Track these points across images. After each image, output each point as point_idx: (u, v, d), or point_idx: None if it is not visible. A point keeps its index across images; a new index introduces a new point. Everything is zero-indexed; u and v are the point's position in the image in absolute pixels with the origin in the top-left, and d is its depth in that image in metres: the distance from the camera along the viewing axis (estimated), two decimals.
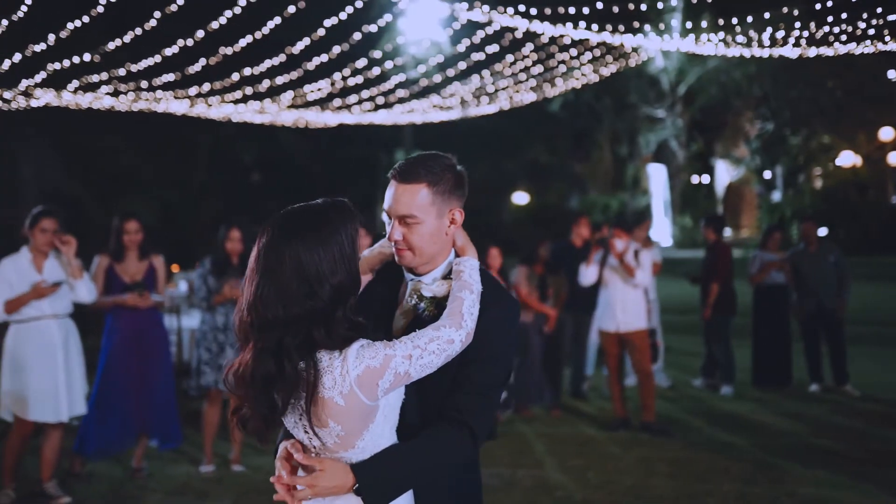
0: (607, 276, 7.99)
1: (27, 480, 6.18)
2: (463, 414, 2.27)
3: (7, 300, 5.77)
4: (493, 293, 2.38)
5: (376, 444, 2.19)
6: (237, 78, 12.40)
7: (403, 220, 2.35)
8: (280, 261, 2.12)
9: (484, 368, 2.31)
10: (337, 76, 13.23)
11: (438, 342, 2.18)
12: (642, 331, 7.86)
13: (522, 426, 8.21)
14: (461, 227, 2.48)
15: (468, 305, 2.25)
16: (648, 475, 6.54)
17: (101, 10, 9.10)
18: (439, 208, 2.36)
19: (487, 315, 2.31)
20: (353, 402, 2.11)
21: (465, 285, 2.30)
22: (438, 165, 2.38)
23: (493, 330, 2.32)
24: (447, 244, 2.42)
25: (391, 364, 2.10)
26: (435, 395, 2.32)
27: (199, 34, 10.27)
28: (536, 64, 14.43)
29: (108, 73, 12.02)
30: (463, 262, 2.38)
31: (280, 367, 2.10)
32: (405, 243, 2.37)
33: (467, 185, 2.46)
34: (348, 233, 2.20)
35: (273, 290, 2.10)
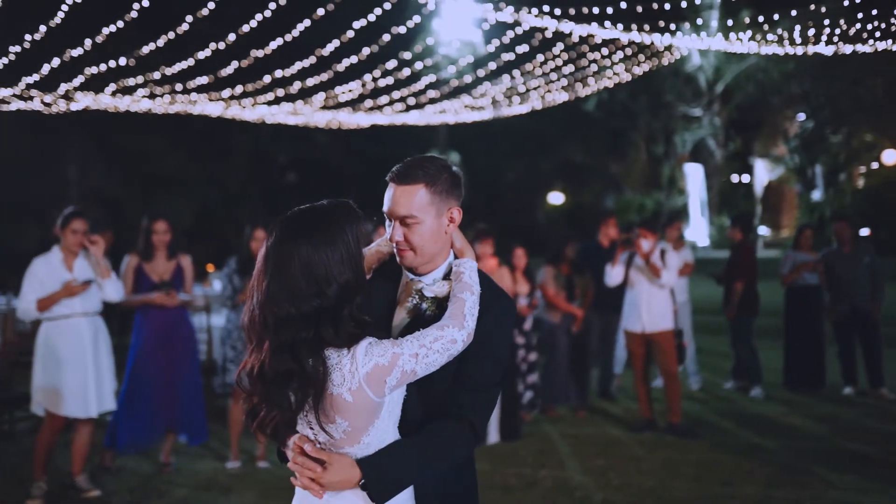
0: (633, 276, 7.96)
1: (59, 473, 6.34)
2: (464, 410, 2.34)
3: (39, 298, 5.93)
4: (492, 294, 2.44)
5: (381, 440, 2.24)
6: (269, 80, 12.56)
7: (404, 220, 2.40)
8: (288, 261, 2.17)
9: (484, 367, 2.38)
10: (368, 77, 13.32)
11: (442, 342, 2.23)
12: (668, 332, 7.81)
13: (547, 426, 8.20)
14: (458, 229, 2.52)
15: (469, 306, 2.31)
16: (671, 477, 6.50)
17: (134, 14, 9.26)
18: (438, 208, 2.41)
19: (487, 316, 2.37)
20: (361, 399, 2.16)
21: (465, 287, 2.35)
22: (434, 167, 2.44)
23: (492, 330, 2.39)
24: (447, 244, 2.48)
25: (399, 362, 2.16)
26: (436, 391, 2.37)
27: (231, 37, 10.41)
28: (567, 63, 14.38)
29: (144, 77, 12.25)
30: (463, 263, 2.43)
31: (298, 364, 2.15)
32: (406, 243, 2.41)
33: (463, 186, 2.51)
34: (354, 232, 2.24)
35: (283, 290, 2.16)
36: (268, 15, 9.76)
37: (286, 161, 29.29)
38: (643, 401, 8.01)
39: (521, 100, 17.15)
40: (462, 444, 2.35)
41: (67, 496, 6.01)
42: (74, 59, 10.62)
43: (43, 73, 11.15)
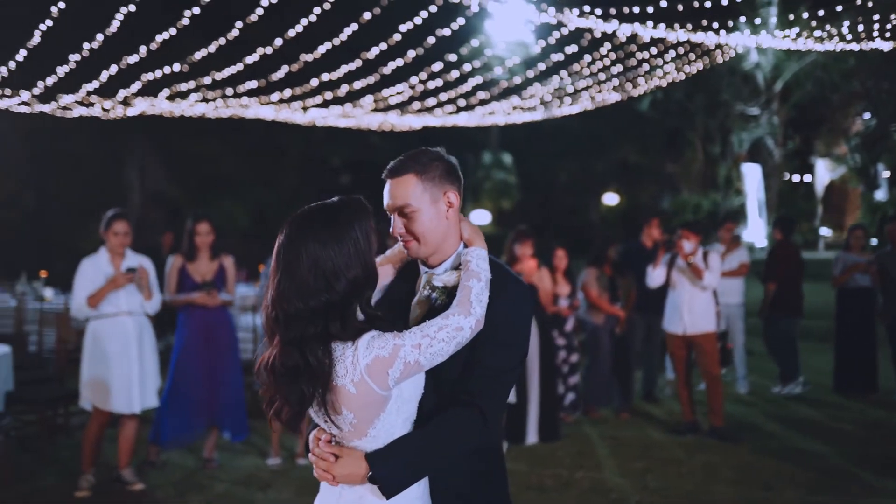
0: (675, 277, 7.87)
1: (106, 467, 6.55)
2: (473, 396, 2.32)
3: (89, 295, 6.15)
4: (502, 279, 2.42)
5: (389, 434, 2.25)
6: (317, 83, 12.74)
7: (401, 211, 2.44)
8: (297, 257, 2.21)
9: (494, 352, 2.35)
10: (416, 79, 13.42)
11: (447, 330, 2.23)
12: (710, 334, 7.70)
13: (588, 428, 8.17)
14: (467, 219, 2.55)
15: (476, 293, 2.30)
16: (710, 481, 6.42)
17: (186, 21, 9.52)
18: (432, 194, 2.44)
19: (496, 301, 2.35)
20: (364, 391, 2.18)
21: (472, 274, 2.35)
22: (425, 157, 2.48)
23: (501, 315, 2.36)
24: (451, 231, 2.48)
25: (400, 353, 2.17)
26: (448, 381, 2.37)
27: (278, 42, 10.61)
28: (616, 63, 14.27)
29: (196, 82, 12.56)
30: (470, 252, 2.42)
31: (304, 359, 2.19)
32: (408, 234, 2.45)
33: (459, 172, 2.53)
34: (363, 228, 2.28)
35: (292, 286, 2.20)
36: (313, 20, 9.91)
37: (340, 163, 29.62)
38: (685, 403, 7.92)
39: (571, 100, 17.07)
40: (471, 432, 2.32)
41: (113, 489, 6.21)
42: (130, 65, 10.94)
43: (102, 80, 11.51)
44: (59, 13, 8.83)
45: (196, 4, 9.05)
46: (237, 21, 9.89)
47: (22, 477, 6.49)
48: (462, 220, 2.53)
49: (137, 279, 6.18)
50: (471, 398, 2.32)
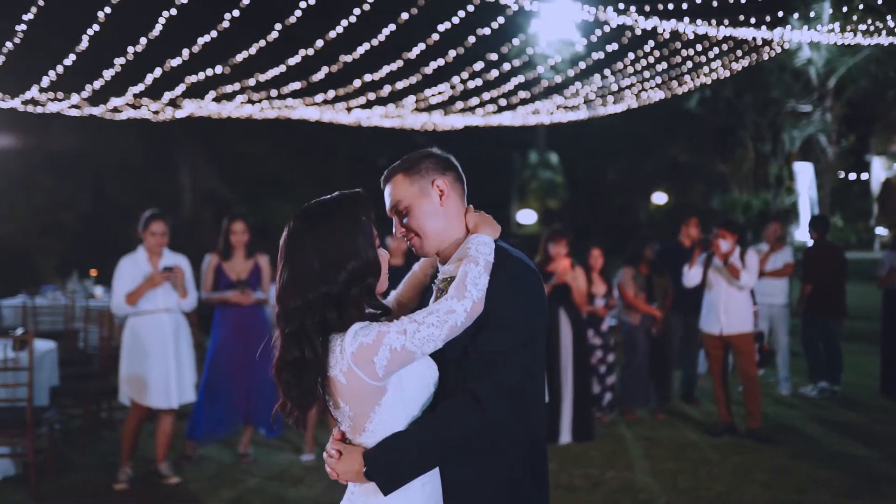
0: (711, 277, 7.76)
1: (145, 460, 6.72)
2: (467, 382, 2.27)
3: (127, 293, 6.31)
4: (502, 262, 2.38)
5: (387, 430, 2.23)
6: (359, 84, 12.86)
7: (396, 211, 2.49)
8: (297, 251, 2.26)
9: (491, 335, 2.29)
10: (457, 79, 13.44)
11: (437, 314, 2.20)
12: (747, 334, 7.57)
13: (623, 428, 8.10)
14: (475, 209, 2.53)
15: (472, 277, 2.26)
16: (742, 483, 6.32)
17: (226, 24, 9.69)
18: (421, 186, 2.46)
19: (493, 282, 2.31)
20: (354, 381, 2.18)
21: (470, 259, 2.32)
22: (414, 156, 2.53)
23: (498, 296, 2.30)
24: (451, 221, 2.48)
25: (384, 340, 2.15)
26: (451, 370, 2.34)
27: (319, 43, 10.74)
28: (660, 61, 14.11)
29: (240, 84, 12.77)
30: (471, 238, 2.41)
31: (302, 352, 2.21)
32: (408, 232, 2.48)
33: (452, 163, 2.54)
34: (362, 221, 2.29)
35: (293, 281, 2.24)
36: (353, 20, 10.01)
37: (387, 162, 29.77)
38: (722, 404, 7.80)
39: (614, 99, 16.92)
40: (463, 418, 2.23)
41: (150, 482, 6.37)
42: (174, 68, 11.18)
43: (147, 83, 11.77)
44: (105, 18, 9.05)
45: (236, 7, 9.19)
46: (277, 23, 10.02)
47: (64, 469, 6.70)
48: (468, 212, 2.52)
49: (173, 278, 6.32)
50: (464, 384, 2.27)
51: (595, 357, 8.29)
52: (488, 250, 2.35)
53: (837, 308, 9.33)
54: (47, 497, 6.07)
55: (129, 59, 10.57)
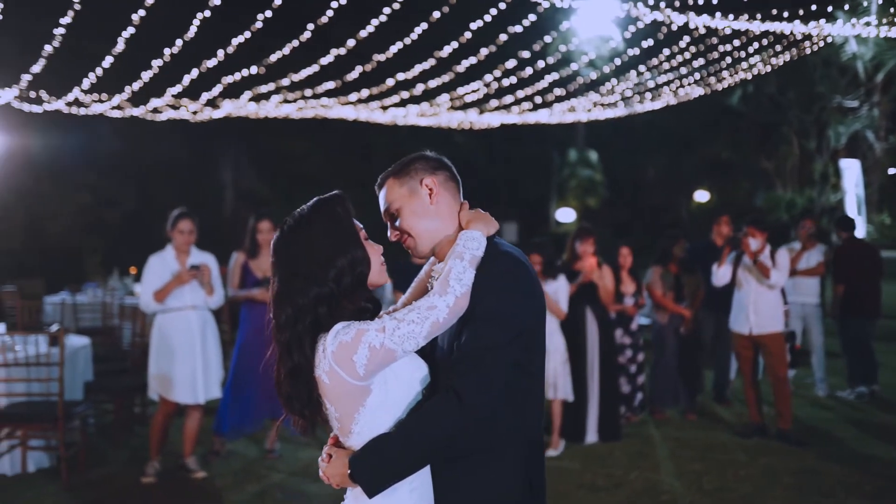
0: (741, 276, 7.64)
1: (173, 455, 6.83)
2: (449, 379, 2.23)
3: (155, 290, 6.43)
4: (493, 257, 2.36)
5: (373, 432, 2.22)
6: (392, 83, 12.92)
7: (389, 215, 2.49)
8: (282, 262, 2.29)
9: (476, 330, 2.25)
10: (492, 76, 13.41)
11: (418, 311, 2.19)
12: (777, 334, 7.44)
13: (652, 429, 8.03)
14: (469, 206, 2.51)
15: (457, 272, 2.25)
16: (769, 485, 6.22)
17: (259, 25, 9.80)
18: (410, 187, 2.46)
19: (481, 277, 2.29)
20: (336, 381, 2.18)
21: (455, 255, 2.31)
22: (405, 160, 2.53)
23: (486, 291, 2.27)
24: (443, 220, 2.46)
25: (363, 338, 2.14)
26: (441, 368, 2.33)
27: (351, 43, 10.80)
28: (697, 57, 13.91)
29: (275, 84, 12.91)
30: (460, 234, 2.39)
31: (299, 356, 2.23)
32: (401, 233, 2.48)
33: (443, 162, 2.54)
34: (341, 219, 2.32)
35: (282, 291, 2.27)
36: (384, 20, 10.05)
37: None
38: (752, 405, 7.69)
39: (652, 96, 16.73)
40: (445, 416, 2.18)
41: (177, 476, 6.48)
42: (210, 69, 11.34)
43: (184, 84, 11.97)
44: (140, 20, 9.22)
45: (268, 7, 9.29)
46: (309, 23, 10.11)
47: (96, 463, 6.85)
48: (463, 209, 2.50)
49: (200, 276, 6.42)
50: (448, 381, 2.23)
51: (625, 356, 8.22)
52: (475, 245, 2.33)
53: (871, 307, 9.14)
54: (78, 489, 6.21)
55: (165, 61, 10.74)
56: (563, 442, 7.35)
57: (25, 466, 6.60)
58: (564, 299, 7.20)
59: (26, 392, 6.47)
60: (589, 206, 28.47)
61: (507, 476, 2.33)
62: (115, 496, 6.14)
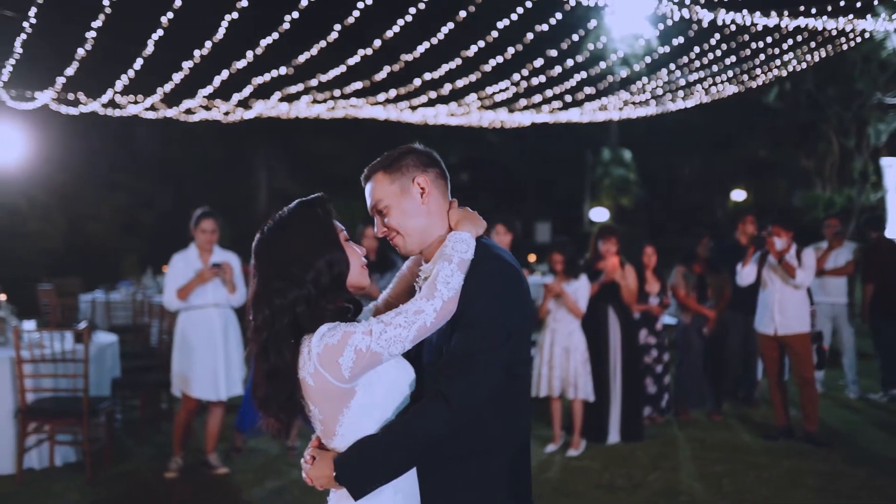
0: (766, 276, 7.51)
1: (197, 451, 6.93)
2: (437, 383, 2.23)
3: (178, 288, 6.53)
4: (481, 259, 2.34)
5: (357, 434, 2.21)
6: (419, 83, 12.94)
7: (377, 211, 2.45)
8: (263, 261, 2.29)
9: (464, 334, 2.25)
10: (520, 75, 13.38)
11: (405, 315, 2.18)
12: (802, 334, 7.32)
13: (676, 430, 7.95)
14: (460, 205, 2.50)
15: (444, 275, 2.24)
16: (791, 488, 6.13)
17: (286, 26, 9.90)
18: (401, 184, 2.43)
19: (470, 280, 2.28)
20: (321, 383, 2.17)
21: (444, 257, 2.29)
22: (395, 154, 2.49)
23: (474, 295, 2.27)
24: (434, 219, 2.44)
25: (350, 341, 2.13)
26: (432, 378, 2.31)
27: (377, 43, 10.85)
28: (729, 54, 13.72)
29: (304, 84, 13.01)
30: (449, 235, 2.38)
31: (277, 358, 2.22)
32: (389, 230, 2.45)
33: (434, 158, 2.51)
34: (321, 220, 2.32)
35: (260, 293, 2.27)
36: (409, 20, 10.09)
37: (457, 161, 29.87)
38: (778, 407, 7.58)
39: (684, 94, 16.54)
40: (431, 419, 2.19)
41: (199, 472, 6.57)
42: (240, 70, 11.47)
43: (215, 86, 12.12)
44: (168, 23, 9.36)
45: (295, 9, 9.38)
46: (336, 24, 10.18)
47: (121, 458, 6.98)
48: (452, 208, 2.48)
49: (222, 274, 6.51)
50: (435, 385, 2.23)
51: (650, 356, 8.16)
52: (464, 248, 2.31)
53: None
54: (101, 483, 6.33)
55: (196, 63, 10.89)
56: (585, 442, 7.32)
57: (53, 460, 6.76)
58: (584, 299, 7.17)
59: (53, 388, 6.62)
60: (622, 206, 28.22)
61: (494, 479, 2.33)
62: (138, 490, 6.25)
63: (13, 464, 6.45)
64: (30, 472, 6.55)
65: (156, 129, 20.95)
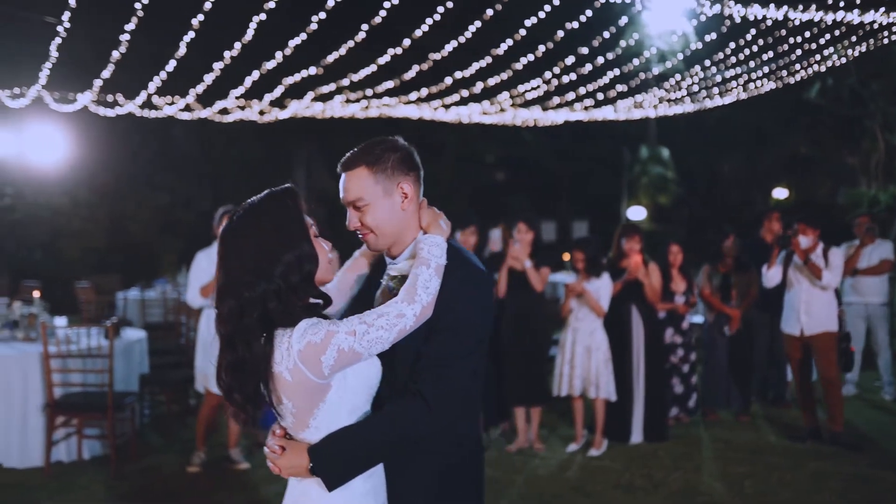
0: (791, 276, 7.36)
1: (218, 446, 7.03)
2: (417, 384, 2.30)
3: (202, 286, 6.63)
4: (455, 264, 2.41)
5: (332, 426, 2.26)
6: (450, 81, 12.94)
7: (355, 205, 2.46)
8: (230, 254, 2.29)
9: (442, 339, 2.33)
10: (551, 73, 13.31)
11: (387, 317, 2.23)
12: (828, 334, 7.14)
13: (701, 430, 7.85)
14: (429, 206, 2.54)
15: (423, 280, 2.30)
16: (814, 490, 6.02)
17: (314, 27, 9.97)
18: (385, 186, 2.43)
19: (445, 286, 2.34)
20: (300, 378, 2.19)
21: (422, 261, 2.35)
22: (378, 148, 2.47)
23: (450, 300, 2.34)
24: (409, 221, 2.48)
25: (333, 340, 2.17)
26: (402, 372, 2.37)
27: (406, 42, 10.88)
28: (766, 50, 13.49)
29: (336, 84, 13.09)
30: (424, 239, 2.43)
31: (247, 349, 2.23)
32: (363, 227, 2.46)
33: (415, 160, 2.51)
34: (290, 214, 2.32)
35: (228, 282, 2.27)
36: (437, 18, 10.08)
37: (494, 159, 29.79)
38: (805, 408, 7.44)
39: (720, 91, 16.30)
40: (411, 420, 2.29)
41: (222, 467, 6.66)
42: (270, 70, 11.59)
43: (246, 86, 12.26)
44: (199, 25, 9.50)
45: (321, 9, 9.44)
46: (363, 24, 10.22)
47: (147, 452, 7.11)
48: (423, 208, 2.52)
49: None
50: (415, 386, 2.31)
51: (676, 356, 8.07)
52: (440, 252, 2.38)
53: None
54: (125, 476, 6.46)
55: (226, 64, 11.02)
56: (607, 442, 7.27)
57: (81, 454, 6.91)
58: (606, 297, 7.11)
59: (82, 383, 6.76)
60: (660, 204, 27.91)
61: (459, 474, 2.45)
62: (161, 484, 6.35)
63: (42, 456, 6.61)
64: (58, 464, 6.71)
65: (193, 129, 21.29)
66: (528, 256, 7.12)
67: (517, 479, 6.36)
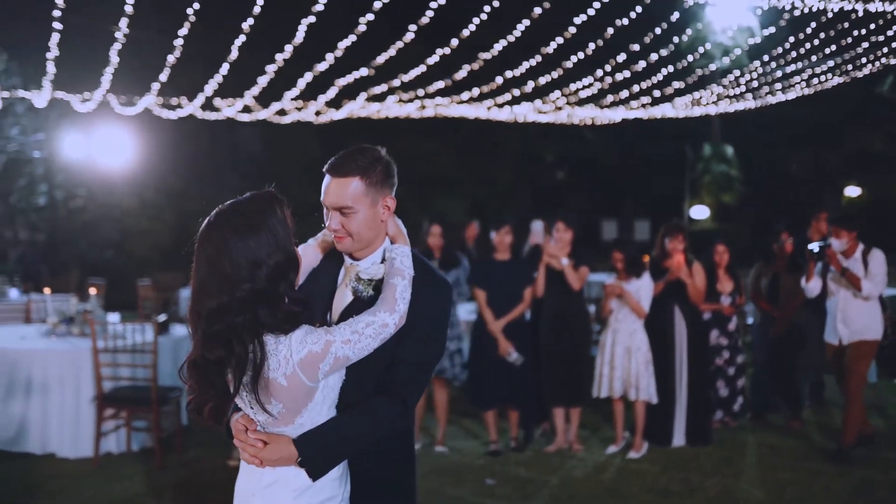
0: (831, 284, 7.00)
1: None
2: (397, 386, 2.51)
3: None
4: (423, 276, 2.58)
5: (314, 421, 2.39)
6: (501, 81, 12.93)
7: (341, 210, 2.52)
8: (217, 251, 2.29)
9: (417, 346, 2.54)
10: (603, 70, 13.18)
11: (374, 327, 2.37)
12: (864, 342, 6.77)
13: (748, 434, 7.67)
14: (394, 216, 2.63)
15: (400, 291, 2.45)
16: (857, 498, 5.84)
17: (363, 28, 10.10)
18: (373, 198, 2.52)
19: (417, 297, 2.50)
20: (296, 384, 2.28)
21: (397, 272, 2.49)
22: (367, 158, 2.54)
23: (423, 311, 2.53)
24: (382, 230, 2.61)
25: (331, 349, 2.28)
26: (374, 373, 2.50)
27: (454, 42, 10.92)
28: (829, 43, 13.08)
29: (388, 85, 13.21)
30: (395, 249, 2.56)
31: (230, 349, 2.27)
32: (344, 231, 2.53)
33: (394, 172, 2.60)
34: (278, 217, 2.36)
35: (213, 280, 2.29)
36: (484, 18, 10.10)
37: (553, 158, 29.65)
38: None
39: (783, 86, 15.88)
40: (393, 417, 2.51)
41: None
42: (322, 72, 11.77)
43: (300, 88, 12.47)
44: (250, 28, 9.71)
45: (369, 11, 9.55)
46: (411, 24, 10.29)
47: (192, 445, 7.29)
48: (390, 218, 2.62)
49: None
50: (394, 387, 2.51)
51: (722, 358, 7.91)
52: (410, 263, 2.56)
53: None
54: (169, 468, 6.65)
55: (279, 66, 11.24)
56: (647, 444, 7.16)
57: (130, 445, 7.14)
58: (647, 298, 7.01)
59: (132, 377, 6.98)
60: (725, 203, 27.35)
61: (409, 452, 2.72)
62: (202, 476, 6.52)
63: (93, 447, 6.86)
64: (107, 455, 6.94)
65: (256, 130, 21.74)
66: (567, 255, 7.07)
67: (551, 479, 6.33)
